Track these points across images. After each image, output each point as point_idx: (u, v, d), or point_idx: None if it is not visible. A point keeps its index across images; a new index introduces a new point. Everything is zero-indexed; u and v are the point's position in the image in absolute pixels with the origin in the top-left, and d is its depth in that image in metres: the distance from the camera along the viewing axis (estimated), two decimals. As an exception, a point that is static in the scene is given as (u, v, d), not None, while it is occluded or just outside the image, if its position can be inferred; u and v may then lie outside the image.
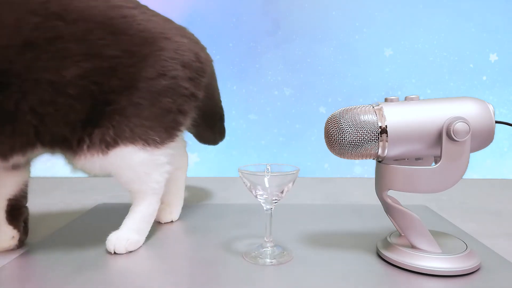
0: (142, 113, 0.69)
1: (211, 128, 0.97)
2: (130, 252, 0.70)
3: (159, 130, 0.71)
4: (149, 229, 0.76)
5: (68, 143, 0.68)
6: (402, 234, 0.69)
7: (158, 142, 0.71)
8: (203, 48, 0.82)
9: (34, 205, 1.07)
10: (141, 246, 0.73)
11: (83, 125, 0.68)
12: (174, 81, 0.71)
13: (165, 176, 0.76)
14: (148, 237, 0.76)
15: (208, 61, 0.83)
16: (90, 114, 0.67)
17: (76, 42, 0.64)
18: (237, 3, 1.47)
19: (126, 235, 0.71)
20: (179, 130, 0.76)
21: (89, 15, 0.66)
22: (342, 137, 0.61)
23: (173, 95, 0.72)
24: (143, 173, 0.72)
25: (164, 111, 0.71)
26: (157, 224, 0.85)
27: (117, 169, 0.71)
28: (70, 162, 0.72)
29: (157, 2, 1.48)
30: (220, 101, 0.95)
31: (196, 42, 0.81)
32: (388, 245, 0.66)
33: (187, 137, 0.94)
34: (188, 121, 0.78)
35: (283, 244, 0.73)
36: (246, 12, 1.47)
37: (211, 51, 0.84)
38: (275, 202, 0.66)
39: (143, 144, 0.70)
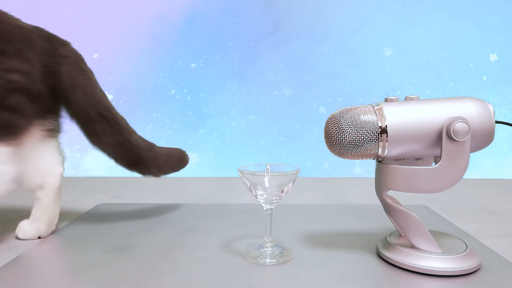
0: None
1: (90, 133, 0.79)
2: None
3: None
4: None
5: None
6: (402, 234, 0.69)
7: None
8: (39, 39, 0.71)
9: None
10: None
11: None
12: None
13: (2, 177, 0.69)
14: (148, 237, 0.76)
15: (58, 55, 0.72)
16: None
17: None
18: (237, 3, 1.47)
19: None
20: (10, 131, 0.68)
21: None
22: (342, 137, 0.61)
23: None
24: None
25: None
26: (156, 224, 0.85)
27: None
28: None
29: (158, 3, 1.48)
30: (96, 100, 0.78)
31: (31, 31, 0.71)
32: (388, 245, 0.66)
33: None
34: (27, 122, 0.70)
35: (283, 244, 0.73)
36: (246, 12, 1.47)
37: (211, 51, 0.81)
38: (275, 202, 0.66)
39: None
